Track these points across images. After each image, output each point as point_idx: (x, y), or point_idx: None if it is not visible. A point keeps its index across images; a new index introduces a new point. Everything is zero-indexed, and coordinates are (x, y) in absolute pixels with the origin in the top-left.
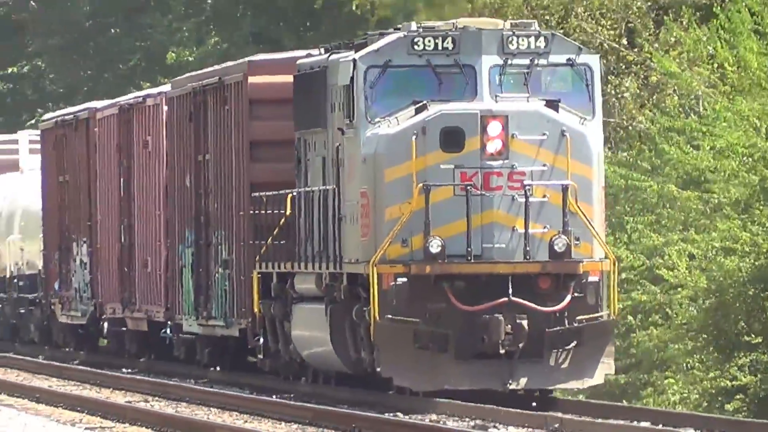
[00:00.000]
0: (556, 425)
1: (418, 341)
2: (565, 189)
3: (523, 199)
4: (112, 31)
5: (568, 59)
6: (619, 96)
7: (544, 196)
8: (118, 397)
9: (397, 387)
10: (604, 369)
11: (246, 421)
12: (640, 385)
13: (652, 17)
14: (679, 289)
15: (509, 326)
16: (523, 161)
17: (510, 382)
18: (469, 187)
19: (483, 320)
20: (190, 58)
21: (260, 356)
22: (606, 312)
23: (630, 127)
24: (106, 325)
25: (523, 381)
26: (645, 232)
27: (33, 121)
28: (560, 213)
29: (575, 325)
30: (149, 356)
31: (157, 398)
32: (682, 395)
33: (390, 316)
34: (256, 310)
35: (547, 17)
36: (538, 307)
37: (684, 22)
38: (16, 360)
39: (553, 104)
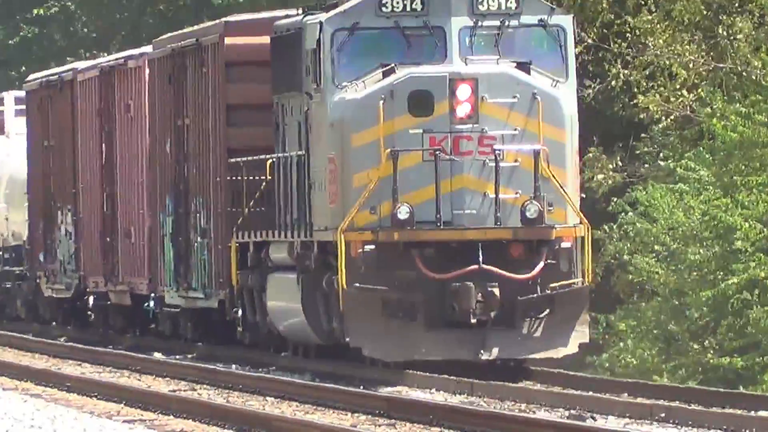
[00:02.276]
0: (663, 414)
1: (386, 310)
2: (536, 153)
3: (494, 164)
4: None
5: (540, 20)
6: (732, 38)
7: (516, 161)
8: (161, 385)
9: (369, 358)
10: (579, 338)
11: (307, 413)
12: (759, 368)
13: None
14: None
15: (480, 294)
16: (493, 125)
17: (482, 351)
18: (438, 152)
19: (453, 288)
20: (240, 0)
21: (239, 329)
22: (580, 279)
23: (744, 74)
24: (91, 299)
25: (495, 351)
26: (761, 195)
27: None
28: (532, 178)
29: (548, 292)
30: (134, 332)
31: (205, 386)
32: None
33: (358, 284)
34: (233, 281)
35: None
36: (510, 275)
37: None
38: (40, 344)
39: (524, 66)
